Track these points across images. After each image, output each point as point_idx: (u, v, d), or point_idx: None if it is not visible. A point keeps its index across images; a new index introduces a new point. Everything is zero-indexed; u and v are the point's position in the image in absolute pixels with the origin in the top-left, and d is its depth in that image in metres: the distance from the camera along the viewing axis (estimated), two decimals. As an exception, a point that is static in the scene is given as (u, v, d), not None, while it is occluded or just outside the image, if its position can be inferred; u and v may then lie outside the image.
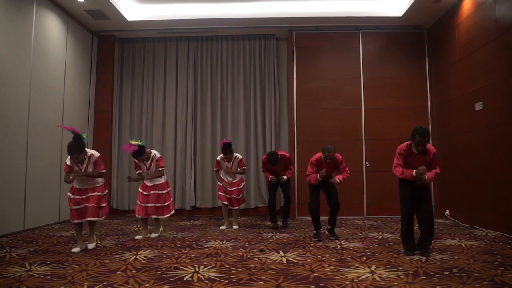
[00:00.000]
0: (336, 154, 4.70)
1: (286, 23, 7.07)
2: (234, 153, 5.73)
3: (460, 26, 6.04)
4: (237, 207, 5.79)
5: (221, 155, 5.71)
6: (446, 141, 6.44)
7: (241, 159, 5.79)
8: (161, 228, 5.14)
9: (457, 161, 6.09)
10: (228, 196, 5.70)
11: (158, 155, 5.03)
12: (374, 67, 7.17)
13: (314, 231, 4.83)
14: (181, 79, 7.55)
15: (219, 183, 5.77)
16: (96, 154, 4.22)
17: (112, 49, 7.44)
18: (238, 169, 5.79)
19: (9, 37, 5.11)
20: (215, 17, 6.87)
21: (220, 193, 5.75)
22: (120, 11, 6.50)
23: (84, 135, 4.10)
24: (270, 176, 5.74)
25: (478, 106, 5.51)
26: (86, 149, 4.12)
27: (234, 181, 5.78)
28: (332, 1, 6.78)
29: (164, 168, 5.02)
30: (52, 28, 6.07)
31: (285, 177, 5.72)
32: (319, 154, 4.76)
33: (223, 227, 5.75)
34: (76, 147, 3.98)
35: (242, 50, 7.59)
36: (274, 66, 7.48)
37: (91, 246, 4.20)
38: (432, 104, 7.04)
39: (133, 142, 4.80)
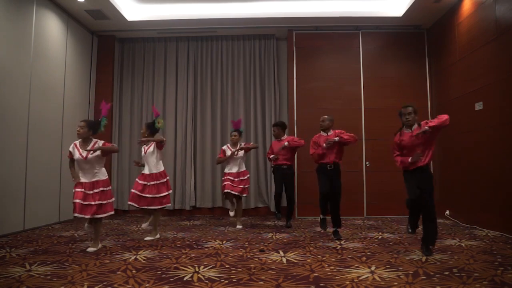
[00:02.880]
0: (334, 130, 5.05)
1: (286, 23, 7.07)
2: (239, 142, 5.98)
3: (460, 26, 6.04)
4: (238, 193, 5.69)
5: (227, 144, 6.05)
6: (446, 141, 6.43)
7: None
8: (158, 235, 4.86)
9: (457, 161, 6.09)
10: (234, 186, 5.71)
11: None
12: (374, 67, 7.17)
13: (321, 217, 4.86)
14: (181, 79, 7.55)
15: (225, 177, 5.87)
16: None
17: (112, 49, 7.44)
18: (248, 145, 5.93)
19: (9, 37, 5.11)
20: (215, 17, 6.87)
21: (225, 182, 5.73)
22: (120, 11, 6.50)
23: (103, 124, 4.30)
24: (272, 156, 5.91)
25: (478, 106, 5.51)
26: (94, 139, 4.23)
27: (240, 171, 5.80)
28: (332, 1, 6.78)
29: (159, 150, 4.96)
30: (52, 28, 6.07)
31: (286, 143, 5.76)
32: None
33: (232, 213, 5.84)
34: (88, 120, 4.34)
35: (242, 50, 7.59)
36: (274, 66, 7.48)
37: (91, 249, 4.11)
38: (432, 104, 7.04)
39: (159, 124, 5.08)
